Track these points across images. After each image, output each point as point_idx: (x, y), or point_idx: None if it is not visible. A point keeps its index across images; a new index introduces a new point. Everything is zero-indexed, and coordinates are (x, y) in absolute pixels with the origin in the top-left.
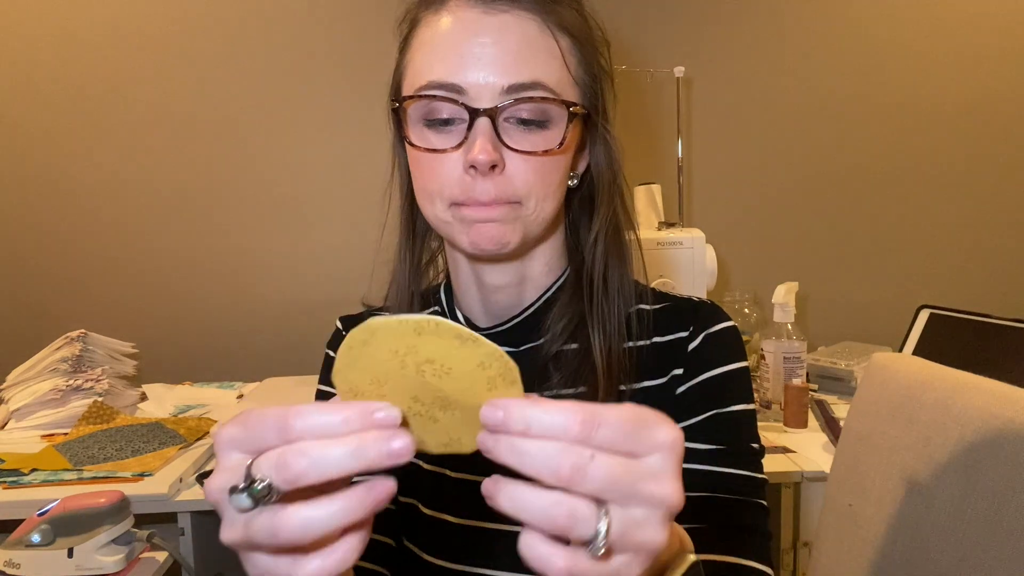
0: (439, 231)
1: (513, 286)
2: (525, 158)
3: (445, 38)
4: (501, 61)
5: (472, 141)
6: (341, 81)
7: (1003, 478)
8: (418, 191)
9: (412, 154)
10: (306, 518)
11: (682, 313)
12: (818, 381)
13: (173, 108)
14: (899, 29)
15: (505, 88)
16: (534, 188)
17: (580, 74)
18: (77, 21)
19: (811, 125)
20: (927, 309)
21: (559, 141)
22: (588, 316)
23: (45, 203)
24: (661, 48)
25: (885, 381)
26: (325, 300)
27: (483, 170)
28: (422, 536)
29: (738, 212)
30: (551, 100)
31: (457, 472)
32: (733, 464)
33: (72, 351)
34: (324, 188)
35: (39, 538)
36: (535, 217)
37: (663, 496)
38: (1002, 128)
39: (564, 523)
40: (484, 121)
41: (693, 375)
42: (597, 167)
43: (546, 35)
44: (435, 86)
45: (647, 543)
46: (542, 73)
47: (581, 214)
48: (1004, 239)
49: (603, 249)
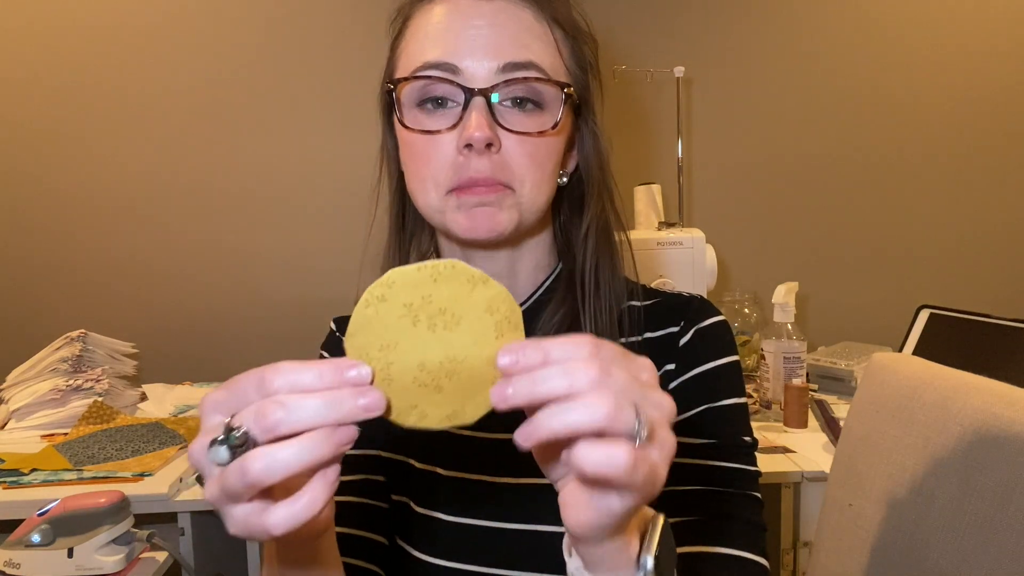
0: (432, 221)
1: (504, 277)
2: (520, 139)
3: (440, 23)
4: (496, 43)
5: (467, 120)
6: (343, 78)
7: (1003, 478)
8: (411, 179)
9: (405, 139)
10: (271, 454)
11: (673, 308)
12: (818, 381)
13: (173, 108)
14: (899, 29)
15: (500, 67)
16: (528, 171)
17: (572, 65)
18: (77, 21)
19: (811, 125)
20: (927, 309)
21: (554, 123)
22: (580, 314)
23: (45, 203)
24: (661, 48)
25: (885, 381)
26: (325, 299)
27: (479, 148)
28: (415, 534)
29: (738, 212)
30: (546, 80)
31: (448, 470)
32: (726, 458)
33: (72, 351)
34: (325, 187)
35: (39, 538)
36: (529, 204)
37: (663, 400)
38: (1002, 128)
39: (609, 419)
40: (479, 100)
41: (685, 370)
42: (586, 162)
43: (541, 23)
44: (430, 66)
45: (666, 440)
46: (536, 55)
47: (571, 213)
48: (1004, 239)
49: (593, 245)
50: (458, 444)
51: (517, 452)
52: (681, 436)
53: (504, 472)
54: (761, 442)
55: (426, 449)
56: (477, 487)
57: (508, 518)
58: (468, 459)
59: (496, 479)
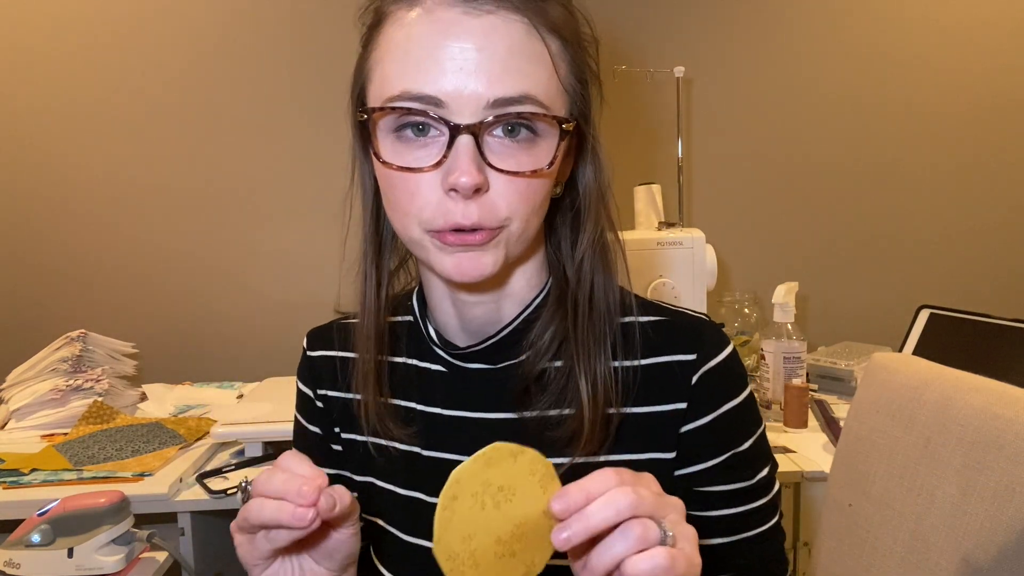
0: (414, 252)
1: (491, 303)
2: (511, 179)
3: (420, 41)
4: (486, 70)
5: (453, 162)
6: (345, 78)
7: (1003, 478)
8: (392, 211)
9: (383, 172)
10: (260, 505)
11: (683, 332)
12: (818, 381)
13: (173, 108)
14: (899, 31)
15: (490, 102)
16: (519, 209)
17: (570, 80)
18: (76, 22)
19: (811, 125)
20: (927, 309)
21: (548, 161)
22: (572, 335)
23: (45, 203)
24: (661, 48)
25: (885, 381)
26: (325, 299)
27: (466, 194)
28: (397, 561)
29: (738, 212)
30: (541, 116)
31: (433, 496)
32: (754, 498)
33: (72, 351)
34: (326, 188)
35: (39, 538)
36: (517, 239)
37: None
38: (1002, 129)
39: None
40: (467, 139)
41: (701, 413)
42: (584, 177)
43: (534, 39)
44: (409, 97)
45: (687, 531)
46: (531, 84)
47: (563, 226)
48: (1004, 239)
49: (589, 267)
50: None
51: None
52: (707, 485)
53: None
54: None
55: (410, 476)
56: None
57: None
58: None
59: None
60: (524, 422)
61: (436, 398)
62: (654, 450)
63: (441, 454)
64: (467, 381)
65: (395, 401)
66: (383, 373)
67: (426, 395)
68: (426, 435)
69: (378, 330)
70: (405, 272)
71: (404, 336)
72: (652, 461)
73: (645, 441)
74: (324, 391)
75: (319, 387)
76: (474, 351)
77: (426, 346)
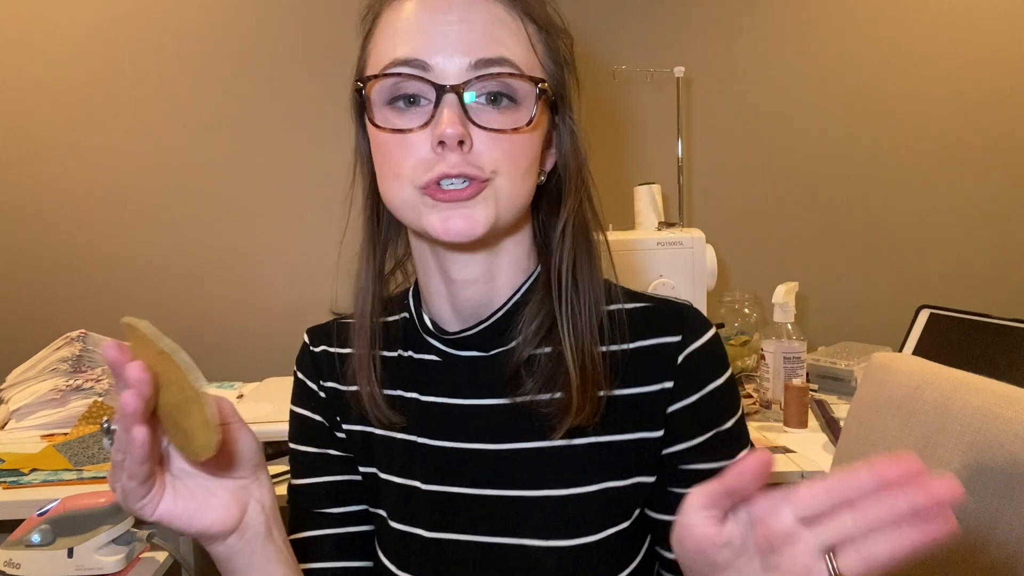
0: (405, 220)
1: (481, 282)
2: (493, 136)
3: (409, 19)
4: (467, 38)
5: (439, 118)
6: (347, 77)
7: (1003, 478)
8: (383, 179)
9: (377, 139)
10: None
11: (668, 316)
12: (818, 381)
13: (173, 109)
14: (899, 29)
15: (472, 64)
16: (503, 166)
17: (547, 61)
18: (77, 24)
19: (811, 125)
20: (927, 309)
21: (528, 119)
22: (559, 317)
23: (45, 203)
24: (661, 48)
25: (885, 381)
26: (326, 299)
27: (451, 144)
28: (392, 550)
29: (738, 212)
30: (519, 76)
31: (429, 484)
32: None
33: (72, 351)
34: (325, 187)
35: (39, 538)
36: (505, 197)
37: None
38: (1002, 128)
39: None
40: (451, 97)
41: (686, 393)
42: (563, 160)
43: (514, 17)
44: (400, 63)
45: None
46: (509, 51)
47: (550, 213)
48: (1004, 239)
49: (571, 243)
50: (439, 455)
51: (499, 463)
52: (693, 463)
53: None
54: (761, 442)
55: (405, 464)
56: (455, 499)
57: (489, 532)
58: (448, 473)
59: (478, 491)
60: (515, 407)
61: (430, 386)
62: (642, 429)
63: (436, 441)
64: (460, 368)
65: (391, 391)
66: (378, 365)
67: (421, 384)
68: (421, 423)
69: (374, 323)
70: (402, 273)
71: (400, 332)
72: (640, 440)
73: (633, 421)
74: (327, 383)
75: (322, 379)
76: (467, 336)
77: (421, 338)
